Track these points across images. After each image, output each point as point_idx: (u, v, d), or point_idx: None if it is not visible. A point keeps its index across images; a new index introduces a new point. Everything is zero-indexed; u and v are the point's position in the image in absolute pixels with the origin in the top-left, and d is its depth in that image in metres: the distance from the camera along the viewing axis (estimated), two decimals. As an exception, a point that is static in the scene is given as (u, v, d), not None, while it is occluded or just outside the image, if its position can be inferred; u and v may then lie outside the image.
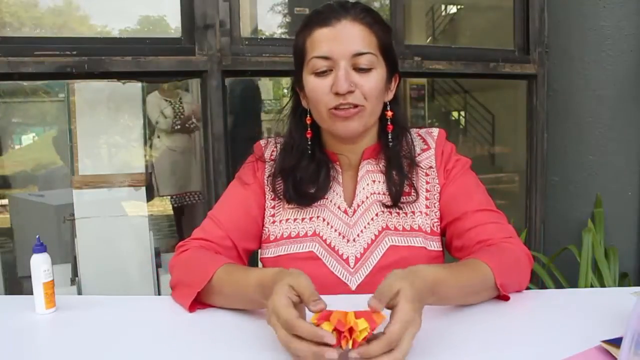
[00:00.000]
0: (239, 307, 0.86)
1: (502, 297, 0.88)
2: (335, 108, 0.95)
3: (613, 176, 2.12)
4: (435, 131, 1.08)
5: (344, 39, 0.94)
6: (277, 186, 1.04)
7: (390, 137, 1.02)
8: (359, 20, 0.95)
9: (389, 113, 1.02)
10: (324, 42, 0.94)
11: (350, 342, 0.63)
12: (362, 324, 0.63)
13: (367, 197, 1.03)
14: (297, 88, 1.04)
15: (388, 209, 1.01)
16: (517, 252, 0.95)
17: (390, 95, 1.02)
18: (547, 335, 0.77)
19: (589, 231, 1.99)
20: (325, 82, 0.95)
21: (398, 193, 1.00)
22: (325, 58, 0.94)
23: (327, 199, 1.03)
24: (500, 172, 3.35)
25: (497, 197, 1.05)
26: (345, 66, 0.93)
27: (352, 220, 1.01)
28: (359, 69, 0.95)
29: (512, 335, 0.78)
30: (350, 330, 0.63)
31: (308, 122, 1.02)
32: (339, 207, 1.03)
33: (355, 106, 0.94)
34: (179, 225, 3.76)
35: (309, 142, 1.03)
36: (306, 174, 1.02)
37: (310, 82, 0.97)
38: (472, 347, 0.73)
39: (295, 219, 1.03)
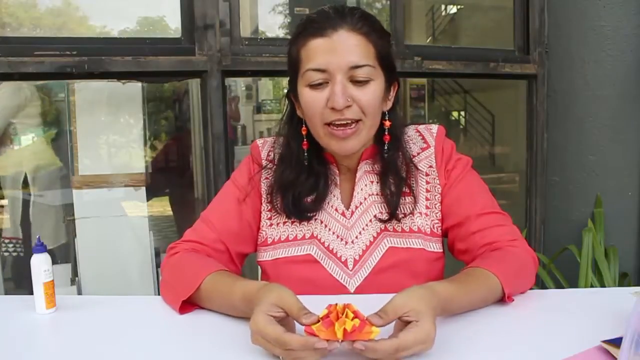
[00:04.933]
0: (226, 313, 0.86)
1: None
2: (331, 124, 0.91)
3: (613, 176, 2.12)
4: (434, 128, 1.05)
5: (340, 51, 0.89)
6: (275, 200, 1.02)
7: (386, 147, 0.99)
8: (356, 29, 0.91)
9: (387, 123, 0.98)
10: (319, 53, 0.90)
11: (340, 332, 0.64)
12: (348, 315, 0.65)
13: (365, 199, 1.01)
14: (293, 97, 1.00)
15: (387, 212, 1.00)
16: (522, 256, 0.95)
17: (388, 105, 0.99)
18: (547, 335, 0.77)
19: (589, 231, 1.99)
20: (320, 95, 0.91)
21: (394, 206, 0.98)
22: (321, 71, 0.90)
23: (324, 201, 1.02)
24: (500, 172, 3.35)
25: (497, 197, 1.04)
26: (342, 80, 0.90)
27: (350, 222, 1.01)
28: (356, 82, 0.91)
29: (512, 335, 0.78)
30: (336, 317, 0.65)
31: (304, 132, 0.99)
32: (336, 210, 1.02)
33: (353, 122, 0.91)
34: None
35: (306, 154, 0.99)
36: (305, 188, 1.00)
37: (305, 94, 0.93)
38: (472, 347, 0.74)
39: (292, 222, 1.02)
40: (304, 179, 1.00)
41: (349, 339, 0.65)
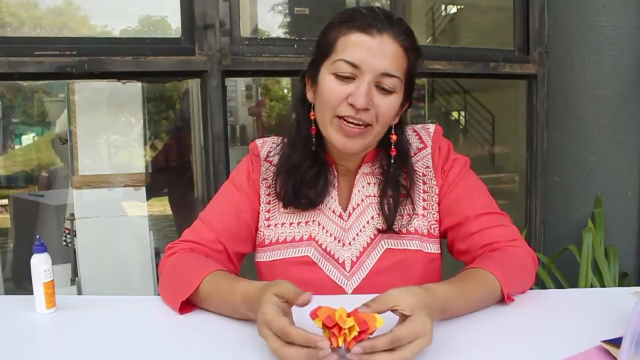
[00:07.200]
0: (226, 314, 0.86)
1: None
2: (343, 118, 0.91)
3: (613, 176, 2.12)
4: (431, 127, 1.05)
5: (378, 54, 0.89)
6: (277, 186, 1.01)
7: (392, 160, 0.99)
8: (399, 40, 0.91)
9: (393, 137, 0.99)
10: (358, 48, 0.90)
11: (341, 339, 0.63)
12: (349, 322, 0.64)
13: (362, 200, 1.01)
14: (309, 77, 0.99)
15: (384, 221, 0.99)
16: (522, 256, 0.95)
17: (396, 120, 0.99)
18: (547, 335, 0.77)
19: (589, 231, 1.99)
20: (344, 88, 0.91)
21: (391, 221, 0.98)
22: (354, 65, 0.90)
23: (322, 203, 1.02)
24: (500, 172, 3.35)
25: (497, 197, 1.04)
26: (370, 81, 0.90)
27: (347, 224, 1.01)
28: (381, 89, 0.91)
29: (512, 335, 0.78)
30: (338, 328, 0.64)
31: (312, 117, 0.98)
32: (333, 211, 1.01)
33: (364, 125, 0.91)
34: None
35: (314, 139, 0.99)
36: (307, 176, 0.99)
37: (329, 81, 0.92)
38: (472, 347, 0.74)
39: (290, 223, 1.02)
40: (307, 166, 0.99)
41: (356, 340, 0.64)
